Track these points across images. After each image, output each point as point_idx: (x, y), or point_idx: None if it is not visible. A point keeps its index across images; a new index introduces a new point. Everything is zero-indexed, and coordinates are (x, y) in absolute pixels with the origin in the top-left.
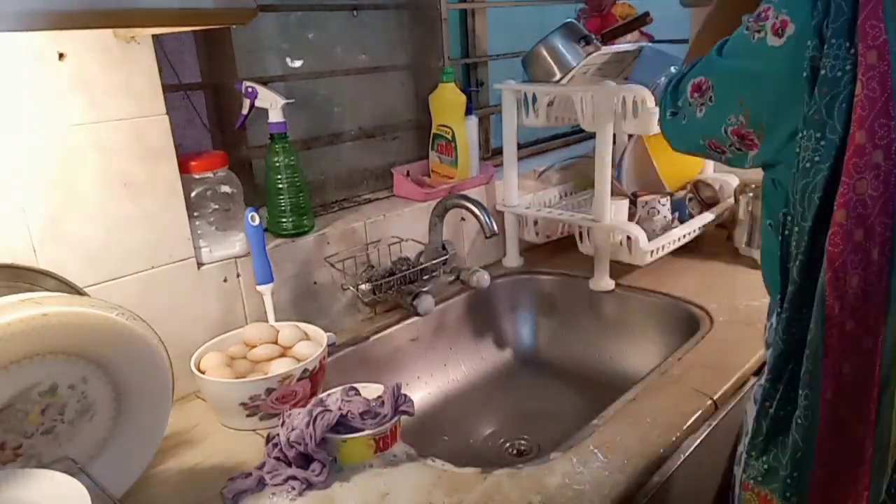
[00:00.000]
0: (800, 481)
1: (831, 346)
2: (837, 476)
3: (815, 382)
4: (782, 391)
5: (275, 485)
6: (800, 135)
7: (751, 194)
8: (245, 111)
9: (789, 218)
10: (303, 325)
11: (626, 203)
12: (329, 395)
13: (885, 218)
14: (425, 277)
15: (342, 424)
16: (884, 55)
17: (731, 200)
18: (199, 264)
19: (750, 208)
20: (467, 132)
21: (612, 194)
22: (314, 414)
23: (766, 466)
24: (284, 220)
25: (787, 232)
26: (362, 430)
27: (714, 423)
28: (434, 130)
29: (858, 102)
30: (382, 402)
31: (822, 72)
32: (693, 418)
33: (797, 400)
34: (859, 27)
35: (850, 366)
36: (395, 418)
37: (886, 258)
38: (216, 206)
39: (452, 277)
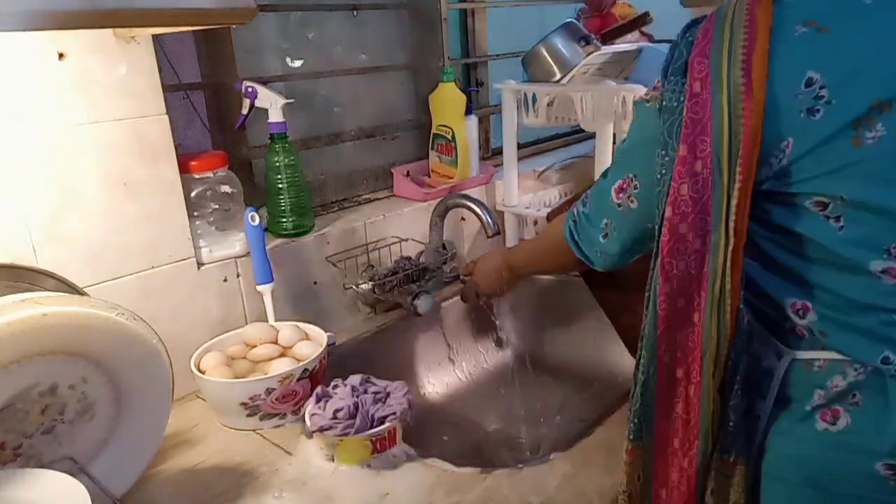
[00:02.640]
0: (646, 429)
1: (664, 318)
2: (670, 426)
3: (654, 347)
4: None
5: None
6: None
7: None
8: (245, 111)
9: (639, 202)
10: (303, 325)
11: None
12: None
13: (703, 214)
14: (426, 277)
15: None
16: (706, 85)
17: None
18: (199, 264)
19: None
20: (467, 132)
21: None
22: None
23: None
24: (284, 220)
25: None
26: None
27: None
28: (434, 130)
29: (684, 123)
30: (387, 395)
31: (664, 103)
32: None
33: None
34: (689, 64)
35: (680, 335)
36: (390, 424)
37: (706, 247)
38: (216, 206)
39: (452, 277)
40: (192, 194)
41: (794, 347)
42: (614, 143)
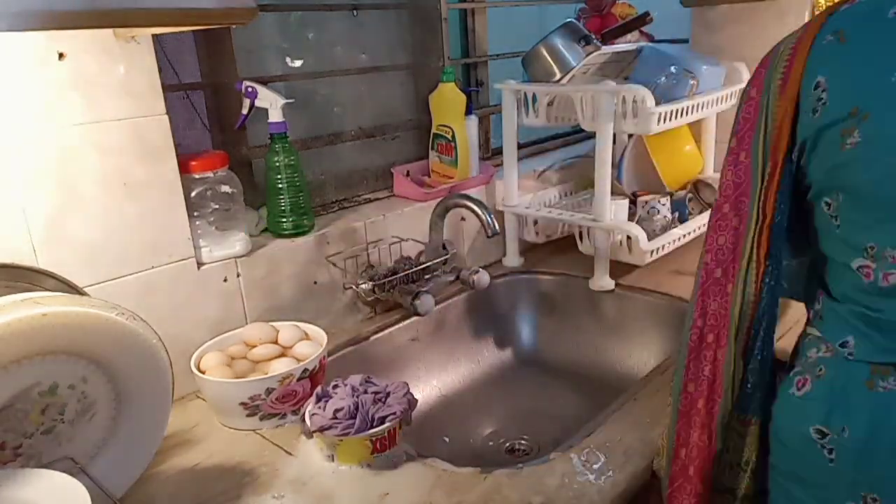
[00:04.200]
0: (676, 387)
1: (701, 284)
2: (697, 387)
3: (692, 312)
4: None
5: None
6: None
7: None
8: (245, 111)
9: None
10: (303, 325)
11: (626, 203)
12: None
13: (742, 196)
14: (426, 277)
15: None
16: (760, 90)
17: None
18: (199, 264)
19: None
20: (467, 132)
21: (612, 194)
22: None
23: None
24: (284, 220)
25: None
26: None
27: None
28: (434, 130)
29: (738, 120)
30: (387, 395)
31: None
32: None
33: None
34: (753, 73)
35: (714, 303)
36: (390, 424)
37: (743, 225)
38: (216, 206)
39: (452, 277)
40: (192, 194)
41: (806, 324)
42: (614, 143)
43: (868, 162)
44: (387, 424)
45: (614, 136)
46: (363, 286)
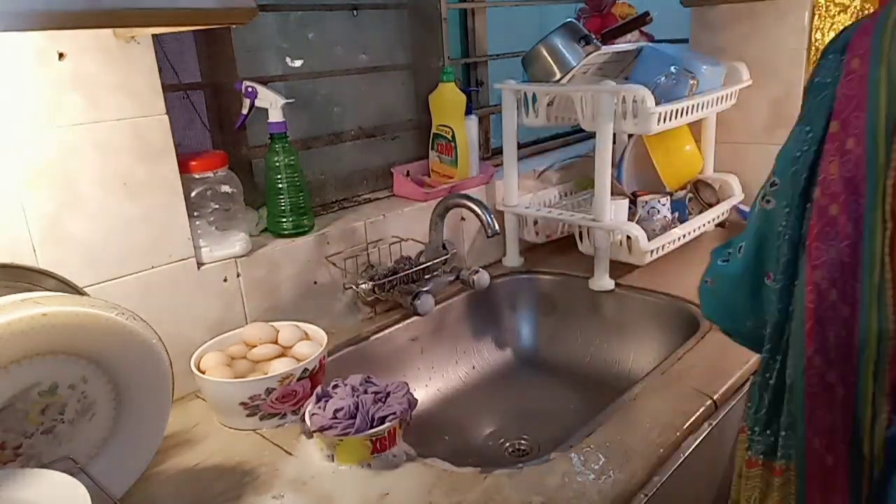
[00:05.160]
0: (796, 445)
1: (812, 311)
2: (827, 435)
3: (801, 347)
4: (780, 361)
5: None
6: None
7: None
8: (245, 111)
9: (775, 200)
10: (303, 325)
11: (626, 203)
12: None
13: (856, 196)
14: (426, 277)
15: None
16: (865, 60)
17: (732, 200)
18: (199, 264)
19: None
20: (467, 132)
21: (612, 194)
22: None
23: (772, 439)
24: (284, 220)
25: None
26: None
27: (714, 423)
28: (434, 130)
29: (837, 99)
30: (387, 395)
31: (815, 79)
32: (693, 418)
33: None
34: (852, 41)
35: (832, 333)
36: (390, 424)
37: (860, 233)
38: (216, 206)
39: (452, 277)
40: (192, 194)
41: None
42: (614, 142)
43: None
44: (387, 424)
45: (614, 136)
46: (363, 286)
